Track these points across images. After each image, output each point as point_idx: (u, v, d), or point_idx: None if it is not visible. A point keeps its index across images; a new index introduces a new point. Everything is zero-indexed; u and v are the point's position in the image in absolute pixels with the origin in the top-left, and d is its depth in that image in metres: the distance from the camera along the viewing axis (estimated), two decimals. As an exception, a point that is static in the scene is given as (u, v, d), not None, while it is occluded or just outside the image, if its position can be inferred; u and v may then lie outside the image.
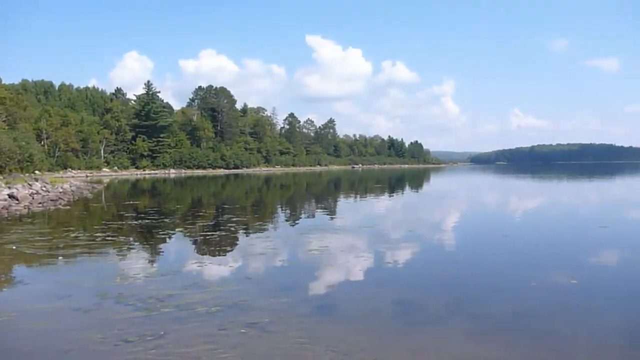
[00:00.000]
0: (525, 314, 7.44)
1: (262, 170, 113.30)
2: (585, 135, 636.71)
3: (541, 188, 45.50)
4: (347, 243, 13.82)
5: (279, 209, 26.96)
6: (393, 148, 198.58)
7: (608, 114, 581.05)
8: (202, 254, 12.58)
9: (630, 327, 6.88)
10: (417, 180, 66.37)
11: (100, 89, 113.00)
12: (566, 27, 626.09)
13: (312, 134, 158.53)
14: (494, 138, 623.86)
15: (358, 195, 35.96)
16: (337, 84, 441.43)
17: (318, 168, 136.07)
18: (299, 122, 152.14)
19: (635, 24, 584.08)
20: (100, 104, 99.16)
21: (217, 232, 15.94)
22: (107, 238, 14.67)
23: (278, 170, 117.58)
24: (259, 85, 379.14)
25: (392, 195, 35.80)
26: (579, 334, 6.64)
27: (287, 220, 20.72)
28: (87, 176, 69.42)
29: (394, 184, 53.08)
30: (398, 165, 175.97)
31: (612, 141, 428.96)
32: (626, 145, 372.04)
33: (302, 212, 24.84)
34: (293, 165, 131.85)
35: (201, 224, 18.39)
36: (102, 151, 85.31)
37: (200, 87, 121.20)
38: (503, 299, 8.35)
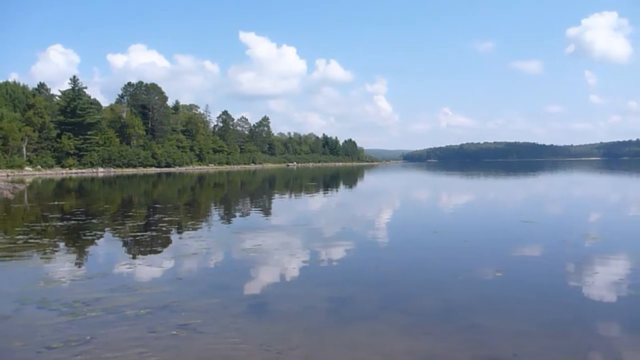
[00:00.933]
0: (453, 308, 7.69)
1: (195, 168, 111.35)
2: (511, 134, 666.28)
3: (469, 185, 47.12)
4: (281, 241, 13.81)
5: (213, 208, 26.59)
6: (327, 146, 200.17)
7: (531, 114, 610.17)
8: (132, 256, 12.22)
9: (550, 316, 7.22)
10: (351, 178, 67.17)
11: (21, 84, 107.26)
12: (492, 30, 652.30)
13: (247, 132, 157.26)
14: (426, 136, 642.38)
15: (293, 194, 36.00)
16: (272, 82, 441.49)
17: (253, 166, 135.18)
18: (233, 120, 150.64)
19: (555, 29, 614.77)
20: (22, 100, 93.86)
21: (148, 233, 15.54)
22: (30, 241, 14.00)
23: (212, 168, 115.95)
24: (191, 82, 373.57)
25: (327, 193, 36.08)
26: (502, 325, 6.93)
27: (221, 220, 20.47)
28: (7, 176, 65.82)
29: (328, 182, 53.48)
30: (332, 163, 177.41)
31: (534, 140, 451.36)
32: (547, 143, 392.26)
33: (237, 211, 24.61)
34: (227, 163, 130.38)
35: (131, 224, 17.86)
36: (24, 149, 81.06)
37: (129, 83, 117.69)
38: (433, 293, 8.59)
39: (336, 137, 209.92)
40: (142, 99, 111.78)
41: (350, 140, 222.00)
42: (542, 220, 18.14)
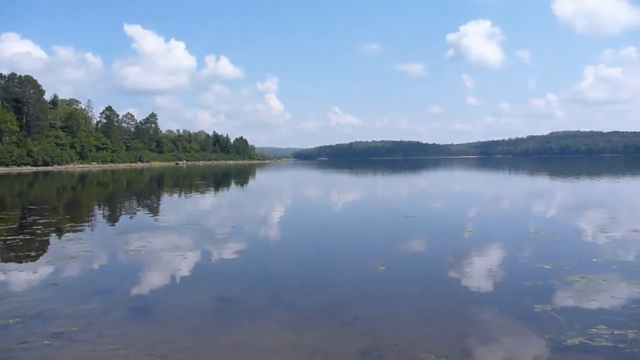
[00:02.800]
0: (338, 302, 7.85)
1: (77, 167, 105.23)
2: (397, 133, 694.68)
3: (358, 182, 48.52)
4: (168, 242, 13.40)
5: (96, 209, 25.26)
6: (218, 144, 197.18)
7: (415, 114, 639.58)
8: (1, 261, 11.27)
9: (429, 306, 7.60)
10: (242, 176, 66.70)
11: None
12: (378, 33, 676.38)
13: (133, 129, 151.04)
14: (316, 135, 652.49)
15: (182, 193, 35.10)
16: (159, 77, 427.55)
17: (139, 165, 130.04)
18: (118, 116, 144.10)
19: (436, 34, 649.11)
20: None
21: (21, 236, 14.43)
22: None
23: (95, 167, 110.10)
24: (71, 75, 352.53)
25: (218, 192, 35.55)
26: (384, 316, 7.18)
27: (104, 221, 19.49)
28: None
29: (219, 180, 52.75)
30: (223, 162, 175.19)
31: (418, 139, 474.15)
32: (430, 142, 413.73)
33: (122, 211, 23.54)
34: (112, 161, 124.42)
35: (1, 227, 16.47)
36: None
37: (1, 75, 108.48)
38: (319, 289, 8.73)
39: (227, 135, 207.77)
40: (16, 92, 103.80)
41: (241, 138, 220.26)
42: (423, 215, 19.09)
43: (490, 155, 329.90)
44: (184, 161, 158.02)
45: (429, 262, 10.84)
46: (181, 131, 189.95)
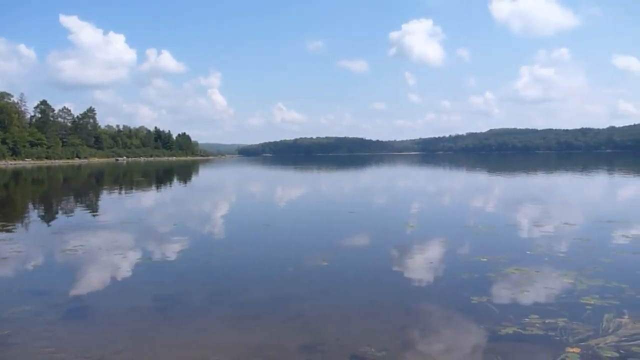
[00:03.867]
0: (281, 298, 7.86)
1: (9, 164, 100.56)
2: (341, 129, 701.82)
3: (302, 178, 48.60)
4: (107, 241, 13.03)
5: (31, 207, 24.27)
6: (160, 140, 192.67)
7: (359, 111, 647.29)
8: None
9: (370, 300, 7.72)
10: (185, 172, 65.60)
11: None
12: (321, 30, 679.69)
13: (70, 124, 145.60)
14: (261, 131, 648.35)
15: (123, 190, 34.19)
16: (98, 71, 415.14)
17: (77, 161, 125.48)
18: (54, 110, 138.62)
19: (379, 32, 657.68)
20: None
21: (-53, 237, 13.68)
22: None
23: (29, 163, 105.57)
24: (2, 67, 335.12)
25: (159, 189, 34.83)
26: (326, 311, 7.25)
27: (39, 219, 18.75)
28: None
29: (161, 177, 51.68)
30: (166, 158, 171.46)
31: (362, 135, 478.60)
32: (374, 139, 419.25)
33: (58, 209, 22.68)
34: (47, 158, 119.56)
35: None
36: None
37: None
38: (262, 285, 8.70)
39: (169, 131, 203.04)
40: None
41: (184, 134, 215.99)
42: (366, 211, 19.34)
43: (432, 151, 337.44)
44: (124, 157, 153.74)
45: (371, 256, 11.00)
46: (121, 126, 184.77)
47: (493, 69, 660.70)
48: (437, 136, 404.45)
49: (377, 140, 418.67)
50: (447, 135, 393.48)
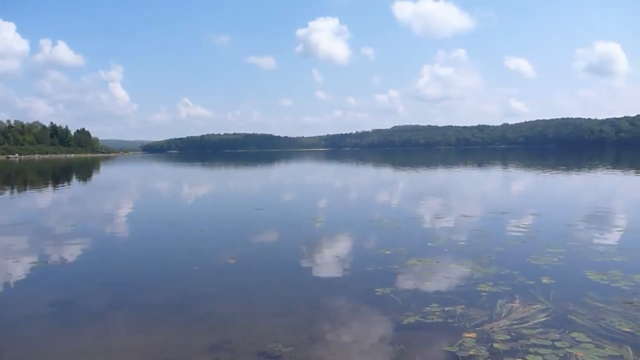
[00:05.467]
0: (187, 298, 7.70)
1: None
2: (249, 125, 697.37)
3: (209, 175, 47.81)
4: (-4, 244, 12.14)
5: None
6: (57, 136, 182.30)
7: (266, 107, 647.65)
8: None
9: (279, 296, 7.73)
10: (84, 170, 62.50)
11: None
12: (228, 25, 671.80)
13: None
14: (166, 127, 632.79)
15: (14, 189, 31.99)
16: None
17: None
18: None
19: (286, 28, 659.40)
20: None
21: None
22: None
23: None
24: None
25: (56, 188, 32.91)
26: (234, 310, 7.18)
27: None
28: None
29: (58, 175, 48.91)
30: (63, 155, 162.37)
31: (270, 131, 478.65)
32: (282, 135, 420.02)
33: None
34: None
35: None
36: None
37: None
38: (167, 286, 8.47)
39: (67, 127, 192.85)
40: None
41: (83, 130, 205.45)
42: (274, 208, 19.35)
43: (339, 147, 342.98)
44: (17, 155, 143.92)
45: (279, 253, 11.02)
46: (12, 122, 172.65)
47: (396, 67, 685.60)
48: (343, 133, 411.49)
49: (285, 137, 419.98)
50: (354, 132, 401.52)
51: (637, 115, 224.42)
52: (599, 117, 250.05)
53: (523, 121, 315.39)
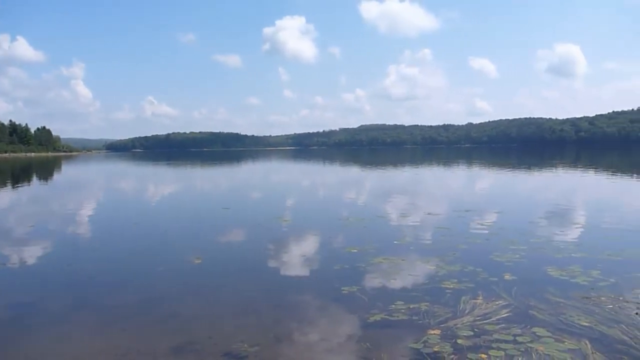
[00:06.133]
0: (151, 299, 7.59)
1: None
2: (215, 124, 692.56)
3: (175, 175, 47.21)
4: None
5: None
6: (16, 134, 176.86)
7: (233, 106, 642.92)
8: None
9: (245, 297, 7.67)
10: (45, 169, 61.00)
11: None
12: (194, 23, 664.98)
13: None
14: (131, 125, 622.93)
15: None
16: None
17: None
18: None
19: (253, 27, 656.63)
20: None
21: None
22: None
23: None
24: None
25: (15, 188, 32.02)
26: (199, 311, 7.10)
27: None
28: None
29: (17, 175, 47.59)
30: (23, 154, 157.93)
31: (237, 130, 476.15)
32: (249, 134, 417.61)
33: None
34: None
35: None
36: None
37: None
38: (131, 287, 8.33)
39: (27, 125, 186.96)
40: None
41: (44, 128, 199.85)
42: (241, 207, 19.24)
43: (306, 146, 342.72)
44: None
45: (246, 252, 10.95)
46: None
47: (363, 67, 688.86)
48: (311, 131, 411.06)
49: (252, 136, 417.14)
50: (321, 131, 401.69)
51: (596, 116, 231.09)
52: (560, 117, 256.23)
53: (487, 120, 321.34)
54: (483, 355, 5.35)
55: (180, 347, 5.78)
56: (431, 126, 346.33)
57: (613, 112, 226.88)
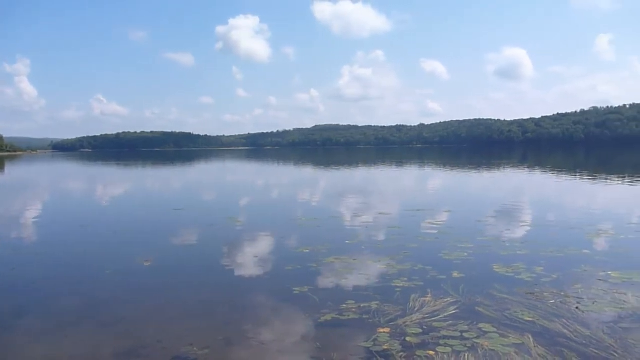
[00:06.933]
0: (97, 304, 7.39)
1: None
2: (167, 123, 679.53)
3: (123, 175, 46.15)
4: None
5: None
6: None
7: (185, 105, 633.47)
8: None
9: (196, 298, 7.57)
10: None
11: None
12: (144, 20, 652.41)
13: None
14: (79, 124, 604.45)
15: None
16: None
17: None
18: None
19: (206, 25, 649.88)
20: None
21: None
22: None
23: None
24: None
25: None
26: (148, 314, 6.97)
27: None
28: None
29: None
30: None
31: (190, 130, 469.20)
32: (202, 134, 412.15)
33: None
34: None
35: None
36: None
37: None
38: (76, 291, 8.08)
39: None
40: None
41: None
42: (193, 207, 18.96)
43: (260, 146, 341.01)
44: None
45: (197, 254, 10.80)
46: None
47: (317, 67, 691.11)
48: (265, 132, 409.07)
49: (205, 136, 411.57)
50: (275, 131, 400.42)
51: (542, 117, 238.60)
52: (508, 118, 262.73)
53: (438, 121, 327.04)
54: (431, 352, 5.45)
55: (128, 352, 5.66)
56: (384, 127, 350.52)
57: (558, 114, 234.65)
